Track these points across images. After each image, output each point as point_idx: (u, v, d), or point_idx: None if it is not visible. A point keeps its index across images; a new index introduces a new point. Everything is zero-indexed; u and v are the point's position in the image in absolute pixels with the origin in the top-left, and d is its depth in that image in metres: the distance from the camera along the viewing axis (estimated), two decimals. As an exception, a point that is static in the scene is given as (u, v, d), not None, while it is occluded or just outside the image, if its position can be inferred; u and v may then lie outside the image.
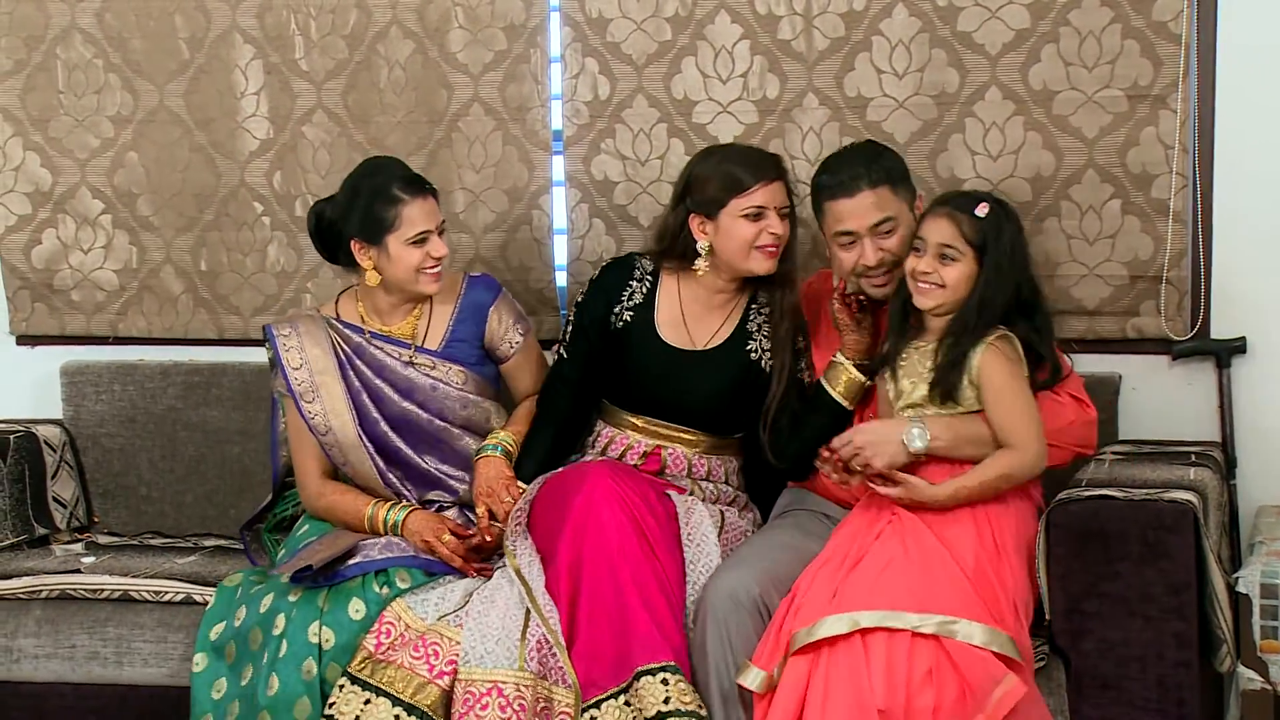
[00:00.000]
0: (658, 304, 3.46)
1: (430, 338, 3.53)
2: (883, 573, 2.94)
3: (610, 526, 3.11)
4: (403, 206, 3.40)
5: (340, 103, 4.03)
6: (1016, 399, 3.05)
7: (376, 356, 3.49)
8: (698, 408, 3.43)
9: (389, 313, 3.53)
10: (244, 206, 4.11)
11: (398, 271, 3.43)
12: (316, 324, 3.51)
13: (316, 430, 3.44)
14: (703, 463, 3.45)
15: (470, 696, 3.04)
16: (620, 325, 3.45)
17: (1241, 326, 3.66)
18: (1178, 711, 3.00)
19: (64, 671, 3.53)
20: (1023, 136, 3.68)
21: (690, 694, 2.98)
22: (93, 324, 4.23)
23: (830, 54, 3.77)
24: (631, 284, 3.48)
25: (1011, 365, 3.06)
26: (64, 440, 4.10)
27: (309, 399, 3.44)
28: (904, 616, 2.85)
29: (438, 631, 3.13)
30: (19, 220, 4.22)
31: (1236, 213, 3.64)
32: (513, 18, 3.92)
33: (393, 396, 3.47)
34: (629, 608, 3.05)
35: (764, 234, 3.33)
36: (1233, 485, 3.60)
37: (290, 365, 3.44)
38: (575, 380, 3.50)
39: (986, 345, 3.04)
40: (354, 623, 3.16)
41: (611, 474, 3.21)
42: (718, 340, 3.44)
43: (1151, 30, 3.60)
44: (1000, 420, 3.05)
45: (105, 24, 4.13)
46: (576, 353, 3.49)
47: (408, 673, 3.09)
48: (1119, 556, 3.00)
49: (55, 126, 4.18)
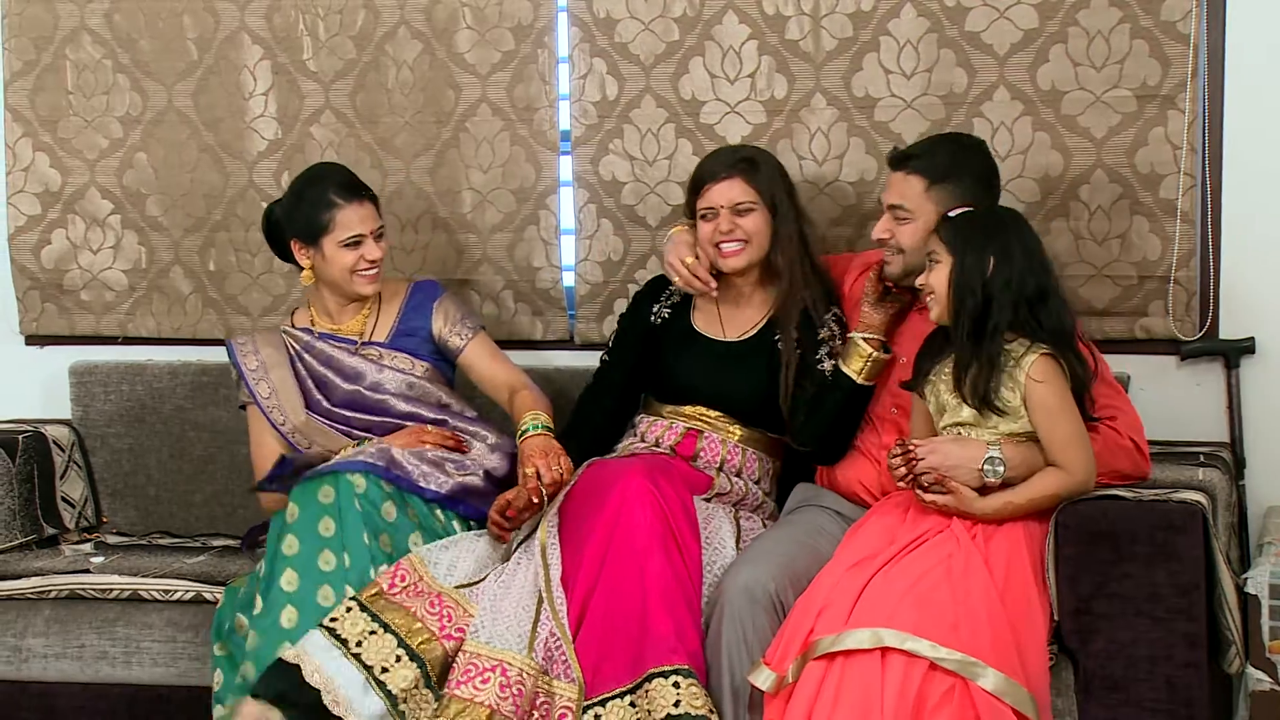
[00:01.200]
0: (695, 301, 3.54)
1: (378, 332, 3.64)
2: (914, 586, 2.91)
3: (641, 527, 3.12)
4: (337, 211, 3.52)
5: (348, 103, 4.04)
6: (1066, 418, 3.03)
7: (324, 350, 3.63)
8: (730, 396, 3.46)
9: (337, 313, 3.66)
10: (252, 207, 4.12)
11: (333, 272, 3.56)
12: (272, 332, 3.74)
13: (276, 423, 3.58)
14: (736, 453, 3.46)
15: (473, 668, 3.04)
16: (659, 322, 3.55)
17: (1250, 327, 3.65)
18: (1186, 713, 2.99)
19: (73, 671, 3.54)
20: (1031, 137, 3.68)
21: (701, 698, 2.97)
22: (102, 324, 4.24)
23: (838, 54, 3.77)
24: (671, 287, 3.56)
25: (1061, 384, 3.03)
26: (73, 440, 4.10)
27: (265, 393, 3.60)
28: (927, 644, 2.83)
29: (453, 598, 3.15)
30: (29, 220, 4.23)
31: (1245, 213, 3.64)
32: (520, 18, 3.93)
33: (338, 382, 3.59)
34: (650, 609, 3.05)
35: (716, 232, 3.40)
36: (1241, 486, 3.60)
37: (247, 367, 3.63)
38: (617, 382, 3.57)
39: (1033, 360, 3.02)
40: None
41: (647, 473, 3.21)
42: (751, 330, 3.50)
43: (1160, 30, 3.60)
44: (1051, 440, 3.02)
45: (114, 25, 4.13)
46: (619, 356, 3.57)
47: (419, 623, 3.10)
48: (1128, 557, 3.00)
49: (64, 127, 4.19)
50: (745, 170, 3.41)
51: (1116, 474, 3.14)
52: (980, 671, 2.81)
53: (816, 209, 3.76)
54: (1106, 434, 3.13)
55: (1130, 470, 3.16)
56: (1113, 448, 3.14)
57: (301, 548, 3.19)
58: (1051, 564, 3.06)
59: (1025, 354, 3.03)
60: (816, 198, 3.78)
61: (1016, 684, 2.82)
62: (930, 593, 2.90)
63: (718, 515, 3.32)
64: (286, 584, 3.17)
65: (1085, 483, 3.05)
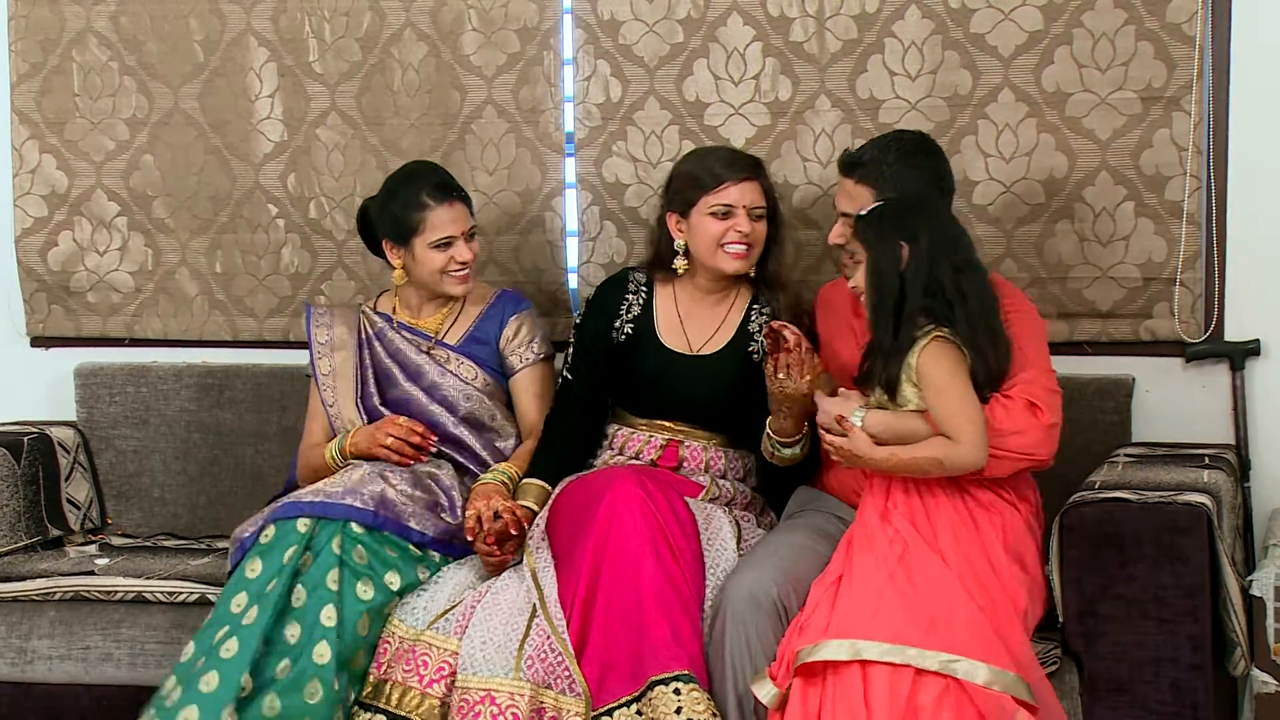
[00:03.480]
0: (656, 312, 3.49)
1: (452, 334, 3.63)
2: (883, 594, 2.91)
3: (633, 534, 3.11)
4: (428, 212, 3.50)
5: (354, 105, 4.04)
6: (953, 395, 3.02)
7: (395, 341, 3.62)
8: (705, 409, 3.44)
9: (419, 308, 3.66)
10: (258, 209, 4.12)
11: (423, 273, 3.55)
12: (351, 309, 3.73)
13: (325, 402, 3.60)
14: (719, 456, 3.46)
15: (465, 705, 3.05)
16: (622, 339, 3.49)
17: (1255, 329, 3.65)
18: (1191, 715, 2.99)
19: (77, 673, 3.54)
20: (1036, 138, 3.68)
21: (704, 702, 2.96)
22: (109, 326, 4.25)
23: (843, 56, 3.77)
24: (628, 298, 3.51)
25: (950, 363, 3.02)
26: (78, 442, 4.11)
27: (325, 370, 3.62)
28: (906, 651, 2.82)
29: (426, 641, 3.14)
30: (35, 222, 4.24)
31: (1250, 215, 3.63)
32: (526, 20, 3.93)
33: (398, 377, 3.59)
34: (647, 616, 3.04)
35: (731, 232, 3.36)
36: (1247, 488, 3.59)
37: (317, 340, 3.65)
38: (583, 398, 3.53)
39: (924, 344, 3.02)
40: None
41: (637, 480, 3.20)
42: (719, 342, 3.46)
43: (1165, 32, 3.59)
44: (939, 416, 3.03)
45: (120, 27, 4.14)
46: (581, 373, 3.53)
47: (401, 686, 3.12)
48: (1133, 559, 3.00)
49: (71, 129, 4.19)
50: (760, 174, 3.41)
51: (1015, 454, 3.06)
52: (965, 668, 2.80)
53: (820, 211, 3.76)
54: (992, 410, 3.05)
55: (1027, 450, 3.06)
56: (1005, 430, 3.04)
57: (262, 575, 3.16)
58: (1056, 566, 3.06)
59: (921, 338, 3.03)
60: (820, 200, 3.78)
61: (1002, 671, 2.82)
62: (900, 596, 2.90)
63: (717, 515, 3.31)
64: (235, 606, 3.14)
65: (970, 455, 3.00)
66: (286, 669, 3.08)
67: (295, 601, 3.14)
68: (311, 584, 3.15)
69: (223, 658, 3.06)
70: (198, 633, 3.16)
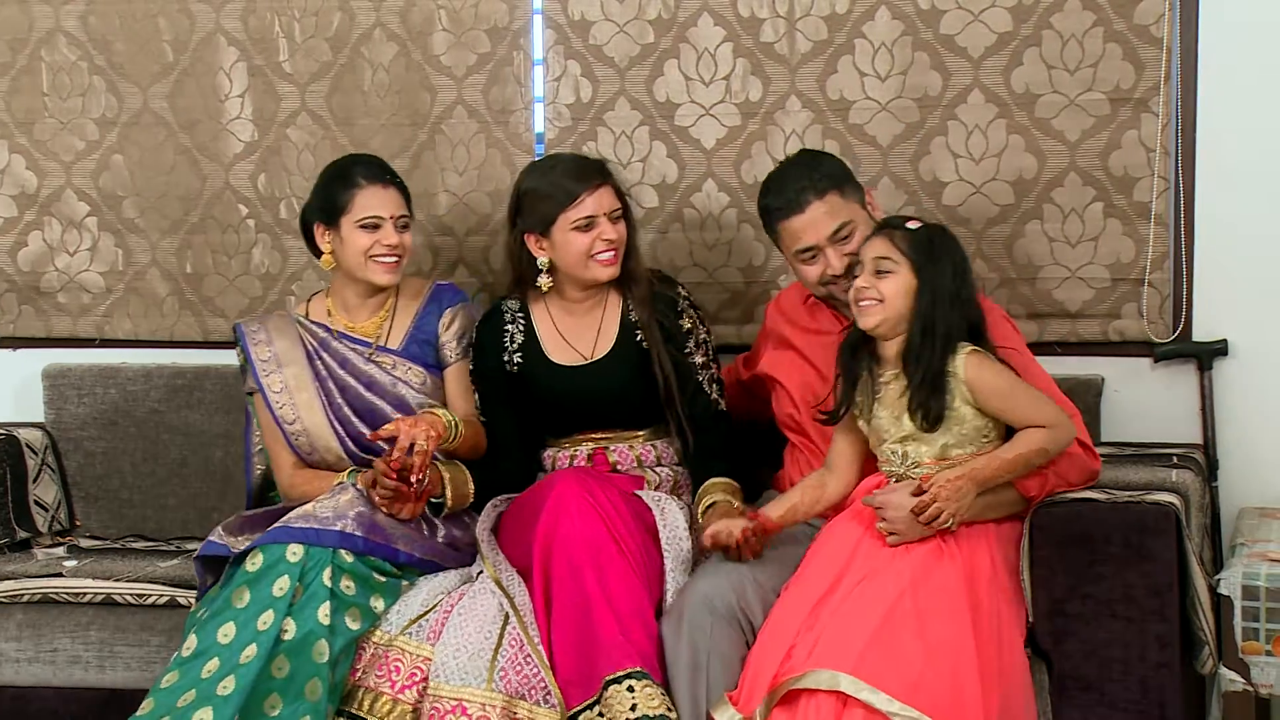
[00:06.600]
0: (539, 335, 3.48)
1: (392, 337, 3.55)
2: (882, 627, 2.83)
3: (576, 535, 3.09)
4: (358, 190, 3.46)
5: (324, 105, 4.03)
6: (1020, 389, 3.01)
7: (340, 351, 3.53)
8: (615, 411, 3.45)
9: (355, 309, 3.56)
10: (229, 209, 4.11)
11: (348, 255, 3.47)
12: (285, 320, 3.59)
13: (283, 420, 3.49)
14: (649, 450, 3.46)
15: (436, 712, 3.03)
16: (515, 370, 3.47)
17: (1223, 329, 3.66)
18: (1159, 713, 3.00)
19: (46, 675, 3.52)
20: (1005, 140, 3.69)
21: (658, 698, 2.95)
22: (79, 326, 4.23)
23: (813, 57, 3.77)
24: (507, 329, 3.48)
25: (996, 364, 3.02)
26: (46, 443, 4.09)
27: (276, 388, 3.50)
28: (883, 698, 2.75)
29: (399, 646, 3.13)
30: (4, 223, 4.21)
31: (1218, 216, 3.65)
32: (496, 20, 3.93)
33: (357, 388, 3.50)
34: (595, 617, 3.02)
35: (598, 242, 3.36)
36: (1214, 487, 3.61)
37: (259, 358, 3.52)
38: (509, 435, 3.48)
39: (963, 359, 3.00)
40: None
41: (578, 480, 3.20)
42: (605, 345, 3.45)
43: (1133, 34, 3.61)
44: (1018, 415, 3.00)
45: (89, 27, 4.12)
46: (497, 414, 3.49)
47: (373, 693, 3.10)
48: (1101, 558, 3.00)
49: (40, 129, 4.17)
50: (608, 177, 3.40)
51: (1063, 480, 3.09)
52: None
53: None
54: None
55: (1074, 474, 3.10)
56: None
57: (251, 606, 3.09)
58: (1026, 565, 3.06)
59: (954, 359, 3.00)
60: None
61: None
62: (896, 635, 2.83)
63: (671, 506, 3.30)
64: (222, 636, 3.07)
65: (1067, 432, 3.00)
66: (276, 704, 3.02)
67: (285, 634, 3.06)
68: (302, 619, 3.07)
69: (219, 695, 2.98)
70: (178, 659, 3.07)
